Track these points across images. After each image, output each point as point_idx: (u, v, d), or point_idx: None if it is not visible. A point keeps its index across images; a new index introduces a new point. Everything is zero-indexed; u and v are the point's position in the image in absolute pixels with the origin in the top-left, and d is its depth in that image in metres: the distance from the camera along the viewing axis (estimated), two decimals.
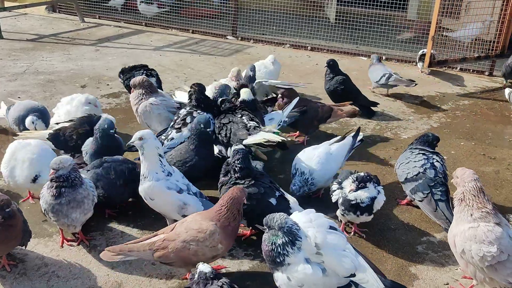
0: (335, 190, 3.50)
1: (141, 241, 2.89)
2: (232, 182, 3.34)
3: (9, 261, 3.15)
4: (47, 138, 4.12)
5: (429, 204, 3.62)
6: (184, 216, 3.30)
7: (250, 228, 3.48)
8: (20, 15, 10.44)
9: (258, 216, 3.21)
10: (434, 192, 3.63)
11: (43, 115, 4.50)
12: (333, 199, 3.50)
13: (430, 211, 3.62)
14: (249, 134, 3.94)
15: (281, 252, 2.59)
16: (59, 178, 3.11)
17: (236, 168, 3.34)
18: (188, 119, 4.26)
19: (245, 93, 4.49)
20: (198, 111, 4.30)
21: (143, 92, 4.65)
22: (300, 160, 3.86)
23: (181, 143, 4.16)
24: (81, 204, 3.18)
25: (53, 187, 3.12)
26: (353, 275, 2.64)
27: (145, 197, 3.38)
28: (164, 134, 4.33)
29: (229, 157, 3.70)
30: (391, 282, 2.78)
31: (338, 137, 4.14)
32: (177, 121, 4.34)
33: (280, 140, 3.77)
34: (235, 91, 4.96)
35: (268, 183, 3.40)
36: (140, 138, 3.27)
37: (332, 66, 5.86)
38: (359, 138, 4.13)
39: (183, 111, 4.38)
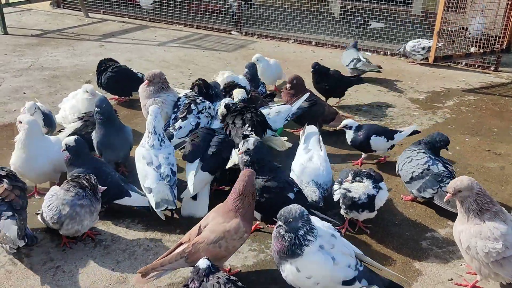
0: (336, 190, 3.51)
1: (169, 254, 2.84)
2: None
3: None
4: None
5: (441, 198, 3.63)
6: (145, 187, 3.51)
7: (257, 223, 3.48)
8: (25, 10, 10.46)
9: (276, 210, 3.22)
10: (443, 186, 3.64)
11: (48, 120, 4.48)
12: (335, 198, 3.51)
13: (443, 204, 3.63)
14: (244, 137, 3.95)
15: (303, 242, 2.61)
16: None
17: (254, 160, 3.31)
18: (192, 106, 4.47)
19: (239, 93, 4.58)
20: (200, 98, 4.59)
21: (157, 87, 4.68)
22: (311, 172, 3.73)
23: (190, 130, 4.31)
24: (94, 210, 3.27)
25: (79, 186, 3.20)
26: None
27: None
28: (171, 126, 4.38)
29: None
30: (390, 282, 2.82)
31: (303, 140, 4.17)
32: (180, 109, 4.48)
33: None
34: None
35: (286, 177, 3.40)
36: None
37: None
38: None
39: (184, 99, 4.59)
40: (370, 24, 9.20)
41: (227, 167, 3.79)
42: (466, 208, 2.85)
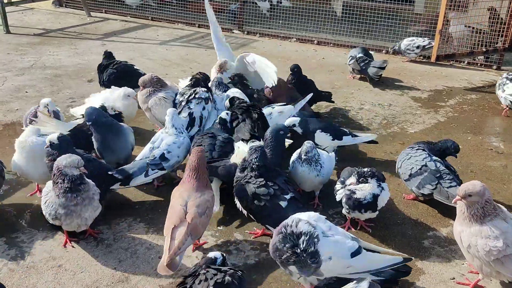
0: (339, 189, 3.50)
1: (171, 240, 2.92)
2: (246, 180, 3.33)
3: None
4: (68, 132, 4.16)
5: (440, 194, 3.62)
6: None
7: (263, 228, 3.49)
8: (27, 9, 10.48)
9: (267, 217, 3.28)
10: (442, 182, 3.63)
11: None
12: (337, 198, 3.50)
13: (443, 200, 3.62)
14: (251, 136, 4.04)
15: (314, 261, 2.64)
16: (78, 177, 3.13)
17: (253, 166, 3.34)
18: (182, 101, 4.52)
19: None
20: (188, 88, 4.66)
21: (153, 89, 4.68)
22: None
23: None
24: (92, 200, 3.21)
25: (69, 188, 3.10)
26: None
27: None
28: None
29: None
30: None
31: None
32: (186, 97, 4.50)
33: None
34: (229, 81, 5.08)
35: (281, 183, 3.35)
36: None
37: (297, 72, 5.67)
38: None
39: (186, 90, 4.61)
40: (281, 2, 10.41)
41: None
42: (471, 213, 2.80)
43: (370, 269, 2.79)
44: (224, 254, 2.72)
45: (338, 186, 3.53)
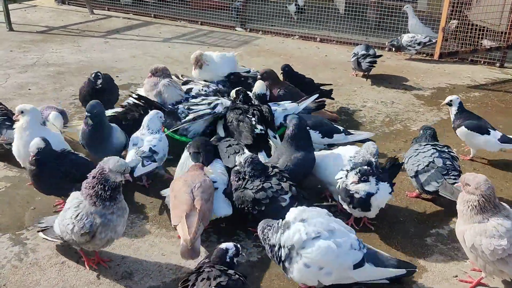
0: (340, 178, 3.47)
1: (188, 226, 3.01)
2: (243, 187, 3.34)
3: None
4: None
5: (445, 189, 3.60)
6: None
7: None
8: (30, 7, 10.49)
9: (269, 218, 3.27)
10: (447, 179, 3.62)
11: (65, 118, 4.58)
12: (336, 187, 3.50)
13: (448, 196, 3.59)
14: (252, 140, 4.05)
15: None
16: (118, 185, 2.88)
17: (247, 177, 3.36)
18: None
19: (258, 87, 4.66)
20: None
21: (163, 77, 4.80)
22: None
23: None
24: (125, 212, 2.97)
25: (110, 196, 2.83)
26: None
27: None
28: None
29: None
30: (397, 261, 2.97)
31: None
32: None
33: None
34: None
35: (282, 181, 3.34)
36: None
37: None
38: None
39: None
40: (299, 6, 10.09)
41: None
42: (469, 207, 2.81)
43: (370, 279, 2.84)
44: (238, 245, 2.68)
45: (341, 173, 3.50)
